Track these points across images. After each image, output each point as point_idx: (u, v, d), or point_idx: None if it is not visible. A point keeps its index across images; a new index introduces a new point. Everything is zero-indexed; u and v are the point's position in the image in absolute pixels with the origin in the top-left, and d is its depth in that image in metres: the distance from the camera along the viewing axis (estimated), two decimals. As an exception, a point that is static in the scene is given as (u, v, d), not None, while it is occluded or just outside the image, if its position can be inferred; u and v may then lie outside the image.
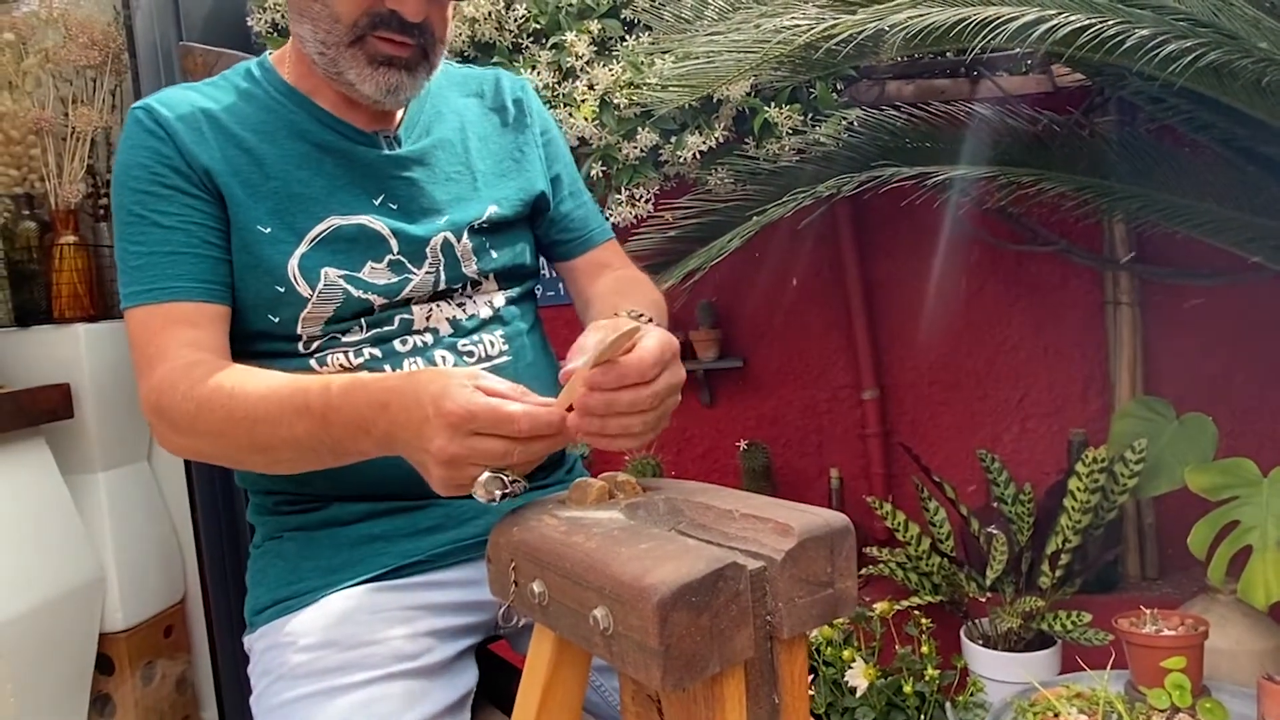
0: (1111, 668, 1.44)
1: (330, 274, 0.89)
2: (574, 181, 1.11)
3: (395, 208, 0.94)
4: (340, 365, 0.90)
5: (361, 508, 0.90)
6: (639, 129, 1.67)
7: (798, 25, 1.20)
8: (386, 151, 0.94)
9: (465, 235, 0.96)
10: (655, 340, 0.70)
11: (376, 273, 0.91)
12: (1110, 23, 1.18)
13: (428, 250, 0.94)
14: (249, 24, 1.87)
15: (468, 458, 0.66)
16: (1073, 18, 1.18)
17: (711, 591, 0.58)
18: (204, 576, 2.00)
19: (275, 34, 1.87)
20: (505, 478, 0.67)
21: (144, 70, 1.89)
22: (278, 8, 1.83)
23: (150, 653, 1.95)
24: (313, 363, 0.90)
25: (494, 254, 0.99)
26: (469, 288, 0.97)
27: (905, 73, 1.87)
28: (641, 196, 1.74)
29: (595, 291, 1.05)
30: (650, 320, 0.83)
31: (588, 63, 1.71)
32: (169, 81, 1.88)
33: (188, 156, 0.87)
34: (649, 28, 1.70)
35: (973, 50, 1.23)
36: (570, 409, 0.70)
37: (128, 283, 0.86)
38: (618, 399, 0.68)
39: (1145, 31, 1.18)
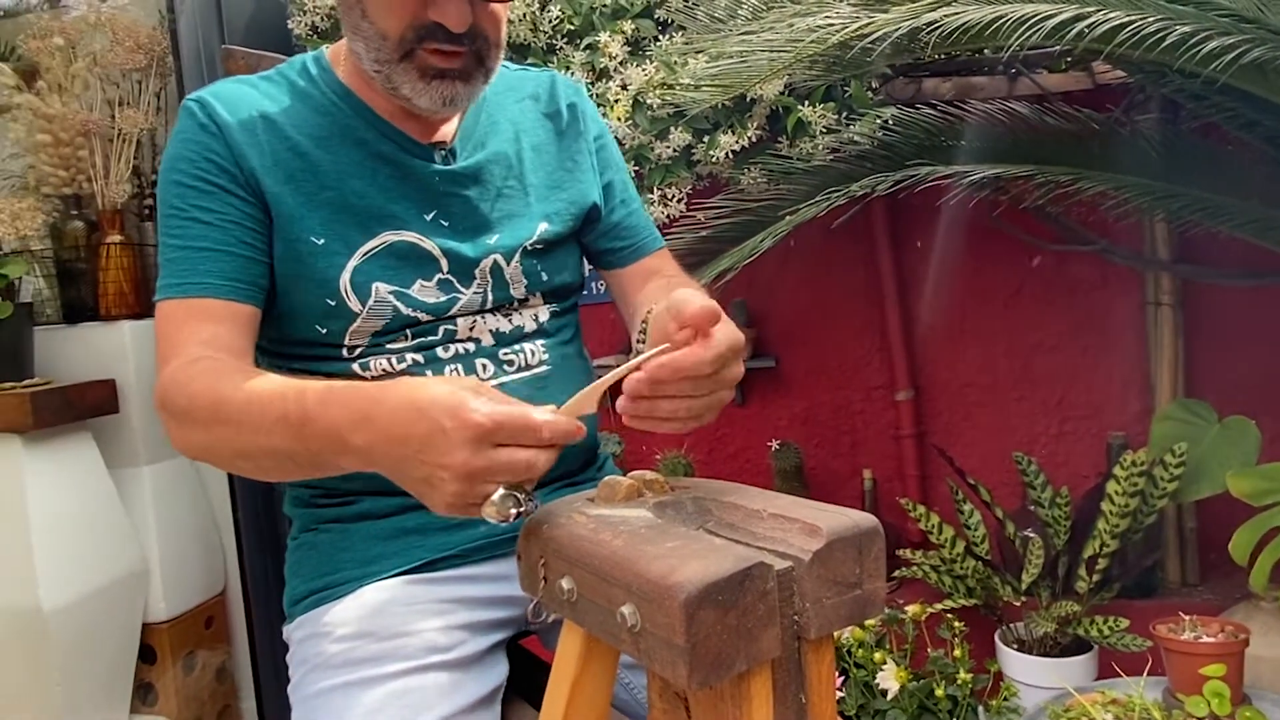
0: (1149, 674, 1.42)
1: (381, 289, 0.89)
2: (626, 188, 1.09)
3: (447, 225, 0.93)
4: (383, 370, 0.90)
5: (395, 502, 0.91)
6: (671, 128, 1.67)
7: (831, 24, 1.20)
8: (441, 166, 0.93)
9: (516, 257, 0.95)
10: (724, 336, 0.69)
11: (425, 290, 0.91)
12: (1150, 19, 1.16)
13: (476, 272, 0.93)
14: (289, 27, 1.90)
15: (488, 471, 0.62)
16: (1111, 15, 1.16)
17: (738, 590, 0.58)
18: (244, 569, 2.04)
19: (315, 36, 1.90)
20: (520, 495, 0.64)
21: (188, 73, 1.93)
22: (317, 10, 1.87)
23: (191, 643, 1.99)
24: (356, 367, 0.90)
25: (543, 275, 0.98)
26: (515, 304, 0.97)
27: (942, 70, 1.85)
28: (674, 196, 1.75)
29: (642, 298, 1.03)
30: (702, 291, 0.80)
31: (621, 63, 1.72)
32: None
33: (238, 156, 0.86)
34: (682, 28, 1.70)
35: (1009, 48, 1.22)
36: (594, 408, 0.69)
37: (162, 276, 0.86)
38: (665, 387, 0.68)
39: (1186, 28, 1.16)
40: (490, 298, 0.94)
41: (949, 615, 1.62)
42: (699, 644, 0.56)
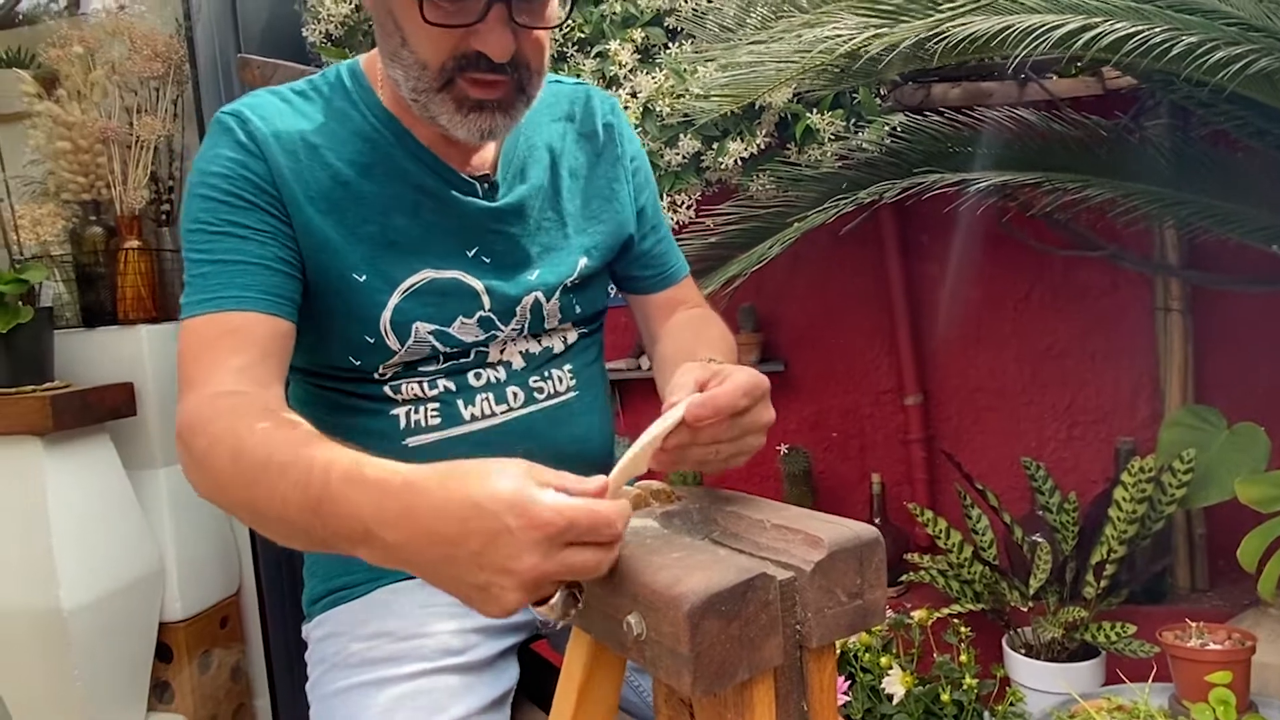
0: (1156, 681, 1.42)
1: (421, 329, 0.88)
2: (656, 213, 1.08)
3: (489, 261, 0.91)
4: (415, 395, 0.90)
5: None
6: (681, 135, 1.68)
7: (839, 35, 1.21)
8: (485, 203, 0.91)
9: (556, 295, 0.95)
10: (744, 376, 0.70)
11: (465, 329, 0.90)
12: (1157, 29, 1.17)
13: (517, 310, 0.92)
14: (304, 35, 1.93)
15: (558, 575, 0.55)
16: (1118, 25, 1.17)
17: (741, 600, 0.59)
18: (258, 570, 2.06)
19: (329, 43, 1.92)
20: (577, 593, 0.60)
21: (204, 80, 1.96)
22: (331, 19, 1.89)
23: (207, 642, 2.02)
24: (387, 389, 0.90)
25: (578, 308, 0.98)
26: (547, 330, 0.97)
27: (951, 75, 1.86)
28: (683, 203, 1.76)
29: (666, 329, 1.04)
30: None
31: (631, 71, 1.73)
32: (228, 91, 1.95)
33: (279, 180, 0.83)
34: (692, 36, 1.71)
35: (1017, 57, 1.23)
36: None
37: (189, 294, 0.81)
38: (700, 431, 0.68)
39: (1193, 39, 1.17)
40: (527, 331, 0.94)
41: (955, 620, 1.63)
42: (703, 653, 0.58)
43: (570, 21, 1.80)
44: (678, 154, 1.71)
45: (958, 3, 1.01)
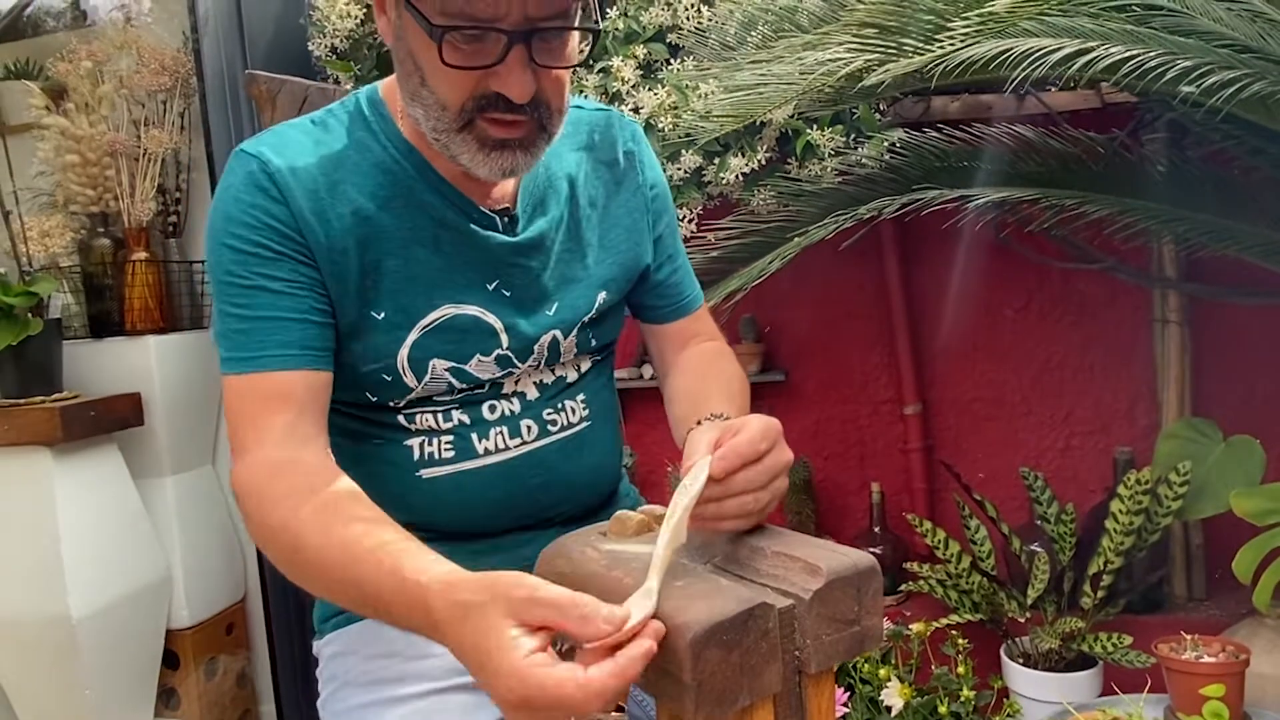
0: (1152, 692, 1.44)
1: (438, 367, 0.88)
2: (674, 241, 1.08)
3: (509, 295, 0.91)
4: (429, 426, 0.91)
5: (420, 534, 0.95)
6: (682, 151, 1.70)
7: (839, 59, 1.23)
8: (506, 238, 0.91)
9: (574, 332, 0.95)
10: (758, 422, 0.73)
11: (483, 366, 0.91)
12: (1153, 53, 1.19)
13: (535, 348, 0.93)
14: (310, 49, 1.94)
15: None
16: (1114, 49, 1.19)
17: (742, 630, 0.61)
18: (264, 577, 2.09)
19: (335, 57, 1.94)
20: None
21: (211, 93, 1.98)
22: (337, 33, 1.91)
23: (213, 649, 2.04)
24: (401, 419, 0.91)
25: (594, 341, 0.99)
26: (563, 361, 0.98)
27: (950, 89, 1.87)
28: (684, 217, 1.78)
29: (678, 363, 1.05)
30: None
31: (634, 86, 1.75)
32: (235, 105, 1.97)
33: (303, 225, 0.83)
34: (693, 53, 1.73)
35: (1015, 79, 1.25)
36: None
37: (229, 348, 0.83)
38: (732, 482, 0.70)
39: (1189, 62, 1.18)
40: (543, 366, 0.95)
41: (953, 632, 1.65)
42: (704, 681, 0.59)
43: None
44: (679, 169, 1.73)
45: (956, 30, 1.02)
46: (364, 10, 1.90)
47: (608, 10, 1.83)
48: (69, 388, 1.88)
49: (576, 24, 0.79)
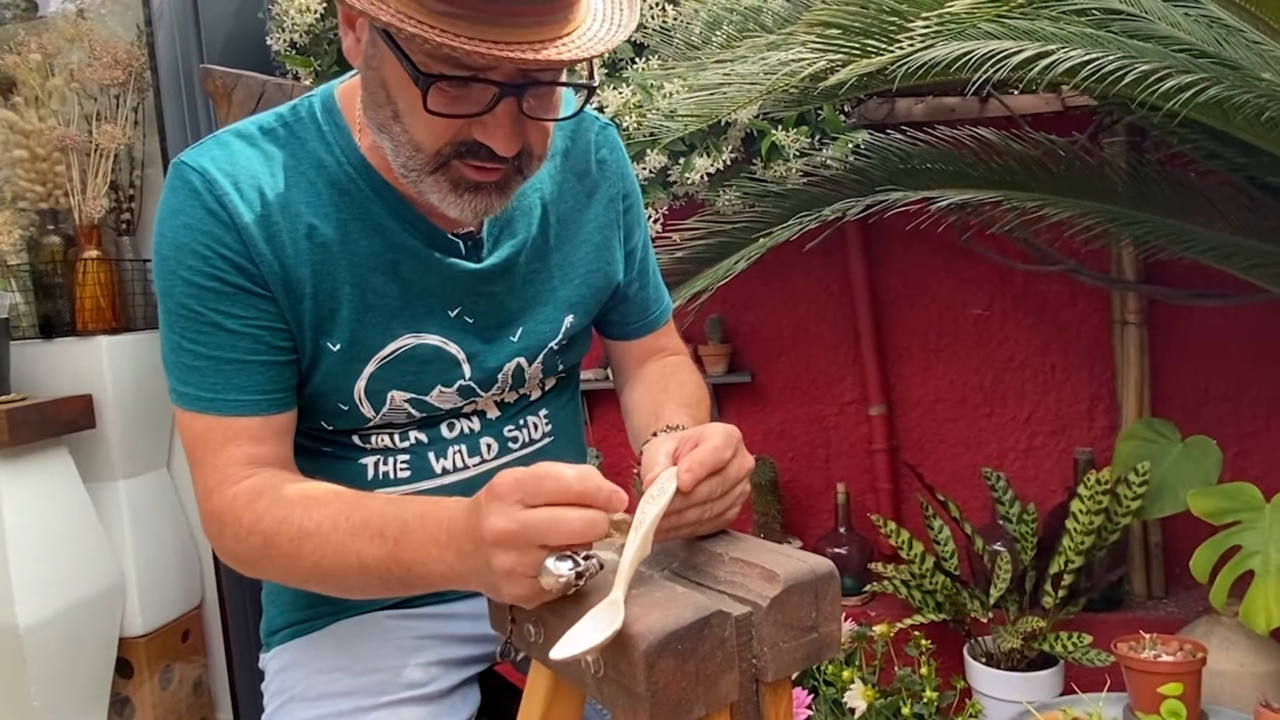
0: (1112, 690, 1.45)
1: (397, 398, 0.85)
2: (646, 253, 1.03)
3: (471, 322, 0.87)
4: (385, 445, 0.88)
5: None
6: (648, 151, 1.69)
7: (803, 59, 1.22)
8: (469, 265, 0.85)
9: (539, 358, 0.91)
10: (719, 431, 0.73)
11: (444, 397, 0.87)
12: (1111, 57, 1.19)
13: (499, 377, 0.89)
14: (269, 44, 1.91)
15: (525, 534, 0.60)
16: (1073, 52, 1.19)
17: (697, 639, 0.60)
18: (220, 582, 2.04)
19: (294, 52, 1.91)
20: (575, 557, 0.62)
21: (166, 88, 1.93)
22: (296, 28, 1.87)
23: (168, 656, 1.99)
24: (356, 439, 0.88)
25: (560, 365, 0.95)
26: (526, 383, 0.94)
27: (914, 90, 1.88)
28: (650, 217, 1.76)
29: (638, 374, 1.02)
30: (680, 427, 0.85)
31: (599, 85, 1.73)
32: (190, 100, 1.93)
33: (255, 253, 0.77)
34: (658, 52, 1.72)
35: (975, 81, 1.25)
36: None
37: (183, 380, 0.79)
38: (695, 492, 0.70)
39: (1146, 66, 1.19)
40: (506, 393, 0.91)
41: (916, 633, 1.65)
42: (659, 692, 0.58)
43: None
44: (644, 168, 1.72)
45: (916, 31, 1.02)
46: (324, 5, 1.87)
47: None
48: (17, 389, 1.82)
49: (573, 80, 0.74)
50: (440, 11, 0.64)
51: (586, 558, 0.62)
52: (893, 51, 1.04)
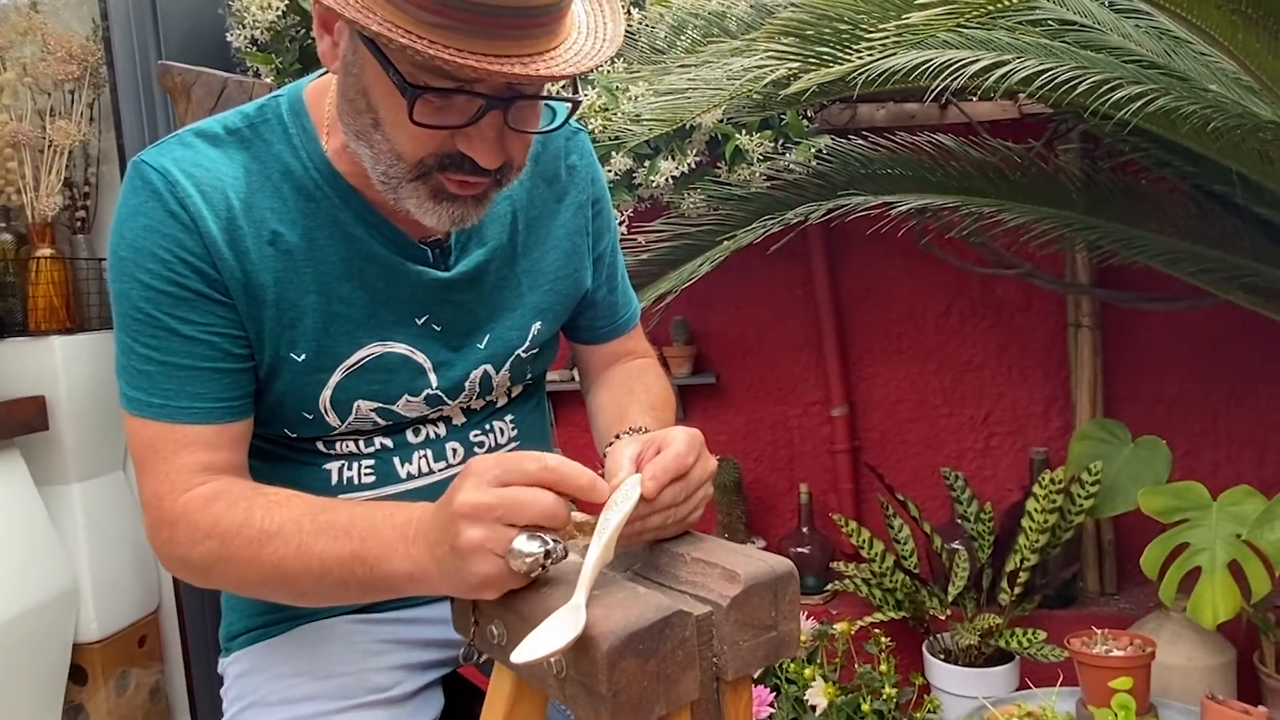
0: (1065, 685, 1.49)
1: (363, 408, 0.84)
2: (614, 257, 1.02)
3: (438, 330, 0.86)
4: (350, 450, 0.87)
5: None
6: (613, 153, 1.70)
7: (765, 66, 1.24)
8: (437, 273, 0.84)
9: (506, 366, 0.90)
10: (682, 435, 0.73)
11: (411, 406, 0.86)
12: (1064, 67, 1.23)
13: (466, 385, 0.88)
14: (228, 40, 1.88)
15: (496, 509, 0.61)
16: (1028, 62, 1.22)
17: (658, 639, 0.61)
18: (178, 586, 2.01)
19: (255, 48, 1.88)
20: (544, 537, 0.62)
21: (123, 84, 1.89)
22: (256, 25, 1.85)
23: (124, 662, 1.96)
24: (320, 445, 0.87)
25: (529, 373, 0.95)
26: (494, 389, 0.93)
27: (876, 96, 1.91)
28: (615, 218, 1.77)
29: (604, 377, 1.02)
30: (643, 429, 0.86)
31: (563, 87, 1.74)
32: (148, 96, 1.89)
33: (217, 257, 0.76)
34: (623, 55, 1.73)
35: (934, 89, 1.28)
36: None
37: (134, 384, 0.76)
38: (659, 498, 0.70)
39: (1098, 76, 1.22)
40: (473, 401, 0.91)
41: (876, 630, 1.68)
42: (620, 692, 0.59)
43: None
44: (610, 170, 1.72)
45: (874, 40, 1.04)
46: (286, 2, 1.85)
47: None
48: (-34, 390, 1.78)
49: (559, 95, 0.74)
50: (430, 23, 0.63)
51: (555, 541, 0.63)
52: (851, 60, 1.06)
